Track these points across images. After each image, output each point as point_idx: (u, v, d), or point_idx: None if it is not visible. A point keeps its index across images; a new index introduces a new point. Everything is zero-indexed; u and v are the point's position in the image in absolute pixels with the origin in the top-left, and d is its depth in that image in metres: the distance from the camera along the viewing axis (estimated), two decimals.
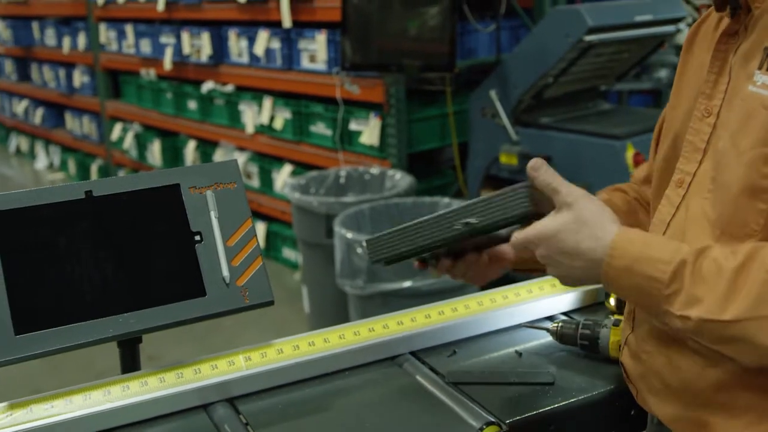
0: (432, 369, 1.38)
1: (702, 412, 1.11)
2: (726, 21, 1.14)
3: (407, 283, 3.10)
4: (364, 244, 1.35)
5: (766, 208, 1.01)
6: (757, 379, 1.05)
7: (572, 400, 1.28)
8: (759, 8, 1.06)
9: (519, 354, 1.43)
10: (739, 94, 1.07)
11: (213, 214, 1.37)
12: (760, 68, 1.03)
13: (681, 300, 1.01)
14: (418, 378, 1.36)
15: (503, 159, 3.73)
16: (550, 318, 1.57)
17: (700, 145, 1.13)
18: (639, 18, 3.57)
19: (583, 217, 1.10)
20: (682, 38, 4.09)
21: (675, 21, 3.76)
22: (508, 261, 1.34)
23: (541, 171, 1.14)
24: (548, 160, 3.55)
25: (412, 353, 1.44)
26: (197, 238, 1.36)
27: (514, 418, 1.22)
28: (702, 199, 1.10)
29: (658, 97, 4.66)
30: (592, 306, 1.61)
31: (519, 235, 1.16)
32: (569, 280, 1.16)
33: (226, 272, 1.35)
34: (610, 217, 1.11)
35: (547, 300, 1.56)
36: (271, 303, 1.36)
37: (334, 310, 3.67)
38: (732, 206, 1.05)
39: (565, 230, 1.10)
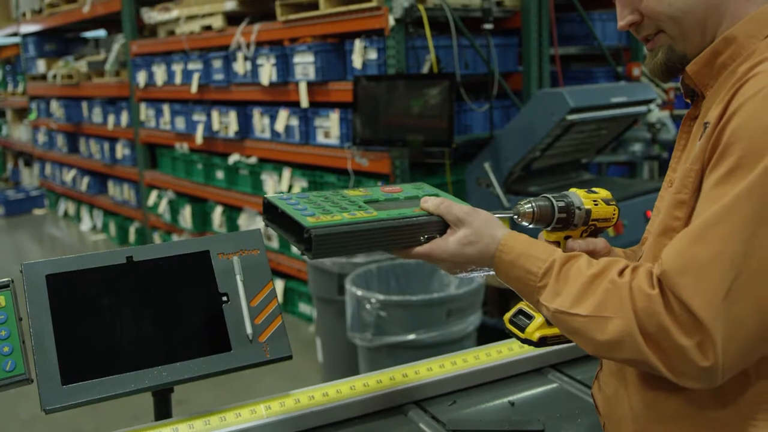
0: (434, 417, 1.37)
1: None
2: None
3: (411, 336, 3.08)
4: (311, 234, 1.07)
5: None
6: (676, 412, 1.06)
7: None
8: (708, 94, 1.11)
9: (512, 404, 1.42)
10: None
11: (239, 278, 1.38)
12: (700, 139, 1.06)
13: (547, 292, 1.08)
14: (422, 426, 1.35)
15: None
16: (539, 371, 1.56)
17: (662, 209, 1.17)
18: (615, 99, 3.61)
19: (478, 229, 1.16)
20: (653, 117, 4.14)
21: (647, 102, 3.80)
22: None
23: (429, 200, 1.21)
24: None
25: (416, 402, 1.43)
26: (224, 298, 1.37)
27: None
28: (647, 248, 1.16)
29: (633, 168, 4.69)
30: (580, 359, 1.60)
31: (421, 250, 1.17)
32: (462, 272, 1.20)
33: (249, 330, 1.35)
34: (498, 224, 1.18)
35: (538, 354, 1.55)
36: (289, 357, 1.36)
37: (345, 360, 3.63)
38: (653, 245, 1.11)
39: (467, 243, 1.15)
